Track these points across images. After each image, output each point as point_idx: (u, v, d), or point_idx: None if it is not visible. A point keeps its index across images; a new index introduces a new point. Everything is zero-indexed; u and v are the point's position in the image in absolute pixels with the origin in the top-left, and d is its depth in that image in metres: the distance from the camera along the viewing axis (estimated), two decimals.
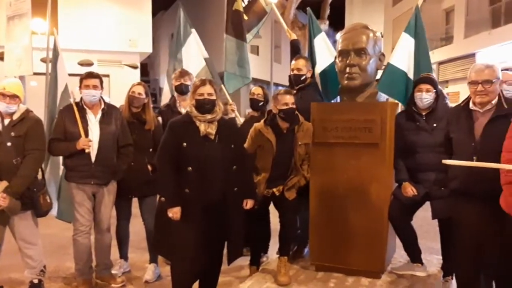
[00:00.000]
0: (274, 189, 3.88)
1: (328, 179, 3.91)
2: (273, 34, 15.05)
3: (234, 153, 3.29)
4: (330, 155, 3.90)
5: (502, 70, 3.12)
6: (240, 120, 4.99)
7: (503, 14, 16.11)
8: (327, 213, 3.92)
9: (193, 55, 5.34)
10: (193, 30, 5.43)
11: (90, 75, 3.93)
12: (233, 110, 4.88)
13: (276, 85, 16.17)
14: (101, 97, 3.98)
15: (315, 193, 3.97)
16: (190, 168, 3.13)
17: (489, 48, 15.77)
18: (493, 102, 2.97)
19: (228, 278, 4.24)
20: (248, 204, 3.41)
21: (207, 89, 3.19)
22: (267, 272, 4.01)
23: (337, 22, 22.82)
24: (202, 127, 3.17)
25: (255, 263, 4.19)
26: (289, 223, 3.95)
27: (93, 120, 3.89)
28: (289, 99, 3.76)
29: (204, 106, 3.18)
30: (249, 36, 5.63)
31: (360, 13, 27.82)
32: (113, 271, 4.25)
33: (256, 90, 4.75)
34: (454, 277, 3.51)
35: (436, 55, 19.05)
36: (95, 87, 3.87)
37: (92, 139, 3.80)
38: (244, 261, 4.19)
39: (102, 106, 3.94)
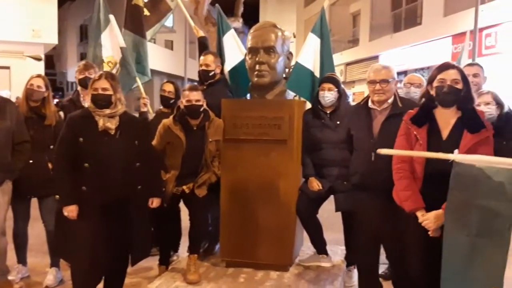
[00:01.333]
0: (184, 187, 3.82)
1: (239, 175, 3.93)
2: (187, 29, 14.91)
3: (138, 149, 3.19)
4: (240, 152, 3.92)
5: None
6: (153, 115, 4.86)
7: (403, 20, 17.30)
8: (237, 209, 3.95)
9: (114, 42, 5.09)
10: (112, 17, 5.12)
11: None
12: (145, 104, 4.74)
13: (191, 80, 16.03)
14: None
15: (225, 189, 3.97)
16: (87, 164, 3.00)
17: (391, 51, 16.86)
18: (390, 101, 3.17)
19: (136, 279, 4.12)
20: (154, 203, 3.34)
21: (101, 84, 3.09)
22: (177, 271, 3.94)
23: (251, 20, 23.07)
24: (101, 122, 3.06)
25: (164, 262, 4.10)
26: (200, 221, 3.91)
27: None
28: (193, 96, 3.70)
29: (97, 102, 3.08)
30: (150, 33, 5.47)
31: (273, 12, 28.39)
32: (9, 277, 3.95)
33: (167, 87, 4.63)
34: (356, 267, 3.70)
35: (344, 57, 20.02)
36: None
37: None
38: (153, 261, 4.10)
39: None
